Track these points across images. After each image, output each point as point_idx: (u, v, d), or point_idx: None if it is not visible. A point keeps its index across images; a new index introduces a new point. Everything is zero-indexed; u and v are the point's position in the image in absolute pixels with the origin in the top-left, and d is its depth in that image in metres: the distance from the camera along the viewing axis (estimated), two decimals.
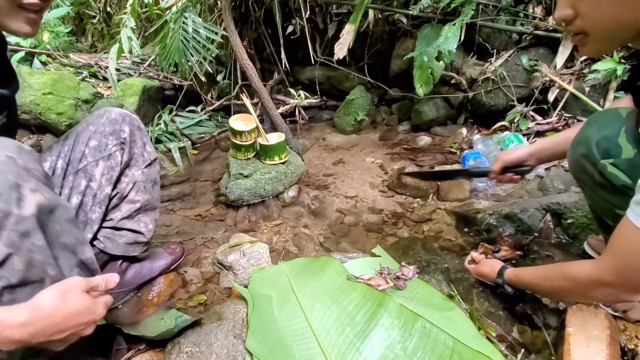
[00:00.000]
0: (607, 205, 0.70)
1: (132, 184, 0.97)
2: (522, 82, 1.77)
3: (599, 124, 0.70)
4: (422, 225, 1.37)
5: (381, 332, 0.80)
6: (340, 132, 2.41)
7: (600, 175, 0.68)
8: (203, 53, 2.18)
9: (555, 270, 0.77)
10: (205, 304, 1.04)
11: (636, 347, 0.78)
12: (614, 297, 0.70)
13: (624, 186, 0.64)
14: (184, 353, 0.73)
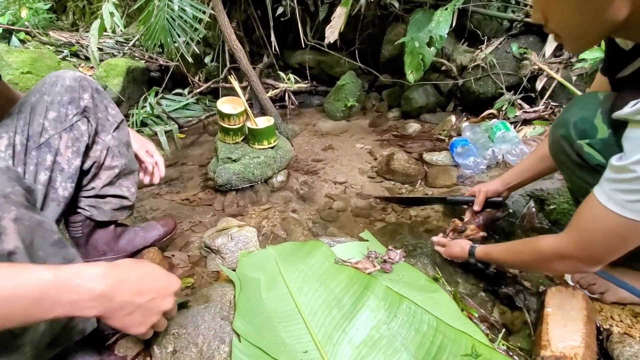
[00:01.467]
0: (583, 185, 0.72)
1: (106, 150, 0.94)
2: (511, 70, 1.78)
3: (578, 106, 0.72)
4: (410, 210, 1.39)
5: (367, 313, 0.82)
6: (330, 118, 2.39)
7: (577, 155, 0.71)
8: (190, 33, 2.12)
9: (521, 244, 0.82)
10: (193, 287, 1.04)
11: (611, 327, 0.82)
12: (574, 268, 0.75)
13: (599, 165, 0.67)
14: (170, 335, 0.73)
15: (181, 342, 0.72)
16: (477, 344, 0.66)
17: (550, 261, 0.75)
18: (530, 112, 1.67)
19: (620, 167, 0.57)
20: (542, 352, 0.71)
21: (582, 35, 0.64)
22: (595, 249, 0.66)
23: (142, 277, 0.57)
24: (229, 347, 0.71)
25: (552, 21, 0.64)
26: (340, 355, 0.75)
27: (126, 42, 3.22)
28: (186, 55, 2.06)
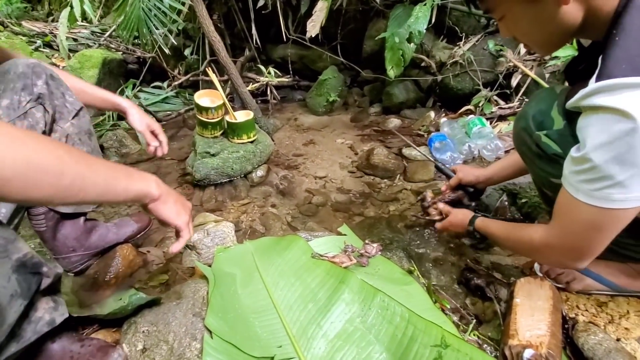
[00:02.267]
0: (544, 175, 0.75)
1: (65, 138, 0.91)
2: (488, 66, 1.82)
3: (536, 100, 0.76)
4: (389, 204, 1.40)
5: (342, 306, 0.82)
6: (312, 113, 2.38)
7: (536, 146, 0.73)
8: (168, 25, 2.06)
9: (518, 228, 0.83)
10: (167, 284, 1.02)
11: (577, 315, 0.84)
12: (561, 262, 0.76)
13: (555, 155, 0.70)
14: (140, 332, 0.72)
15: (151, 339, 0.71)
16: (447, 335, 0.67)
17: (539, 251, 0.76)
18: (506, 108, 1.71)
19: (578, 159, 0.59)
20: (509, 341, 0.73)
21: (547, 43, 0.70)
22: (577, 241, 0.66)
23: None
24: (200, 343, 0.70)
25: (518, 35, 0.70)
26: (314, 349, 0.75)
27: (102, 32, 3.11)
28: (164, 47, 2.01)
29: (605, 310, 0.84)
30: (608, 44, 0.56)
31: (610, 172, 0.55)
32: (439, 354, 0.65)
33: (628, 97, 0.51)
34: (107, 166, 0.57)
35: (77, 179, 0.50)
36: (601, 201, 0.58)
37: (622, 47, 0.54)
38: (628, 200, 0.56)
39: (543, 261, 0.90)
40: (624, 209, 0.58)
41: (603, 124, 0.54)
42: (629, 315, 0.82)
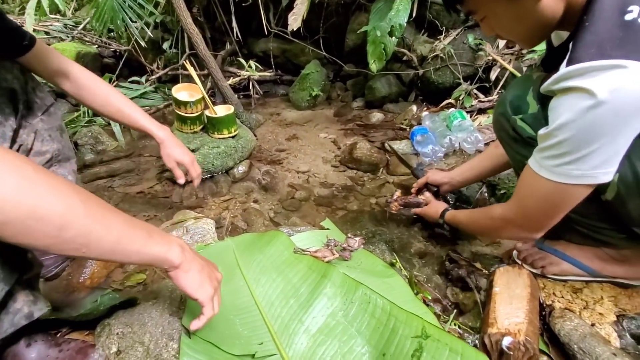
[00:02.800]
0: (520, 159, 0.77)
1: (34, 134, 0.86)
2: (468, 60, 1.84)
3: (514, 86, 0.79)
4: (371, 198, 1.40)
5: (324, 301, 0.81)
6: (295, 108, 2.36)
7: (513, 130, 0.76)
8: (145, 17, 1.99)
9: (479, 212, 0.93)
10: (145, 284, 0.98)
11: (553, 302, 0.86)
12: (518, 234, 0.82)
13: (530, 138, 0.72)
14: (114, 335, 0.69)
15: (126, 341, 0.68)
16: (427, 326, 0.67)
17: (499, 227, 0.82)
18: (485, 101, 1.73)
19: (544, 135, 0.62)
20: (489, 329, 0.74)
21: (530, 37, 0.71)
22: (533, 214, 0.72)
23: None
24: (177, 344, 0.68)
25: (501, 33, 0.72)
26: (295, 345, 0.74)
27: (76, 25, 2.98)
28: (140, 40, 1.94)
29: (580, 296, 0.86)
30: (578, 29, 0.58)
31: (570, 149, 0.59)
32: (419, 345, 0.65)
33: (595, 78, 0.54)
34: (126, 223, 0.52)
35: (81, 234, 0.46)
36: (560, 177, 0.62)
37: (591, 31, 0.56)
38: (584, 177, 0.60)
39: (502, 236, 0.99)
40: (579, 184, 0.62)
41: (569, 102, 0.57)
42: (602, 300, 0.84)
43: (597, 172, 0.59)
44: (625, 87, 0.52)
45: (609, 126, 0.55)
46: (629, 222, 0.72)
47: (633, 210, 0.67)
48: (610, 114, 0.54)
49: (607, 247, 0.83)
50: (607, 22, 0.55)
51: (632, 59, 0.52)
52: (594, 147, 0.57)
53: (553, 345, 0.77)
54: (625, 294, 0.85)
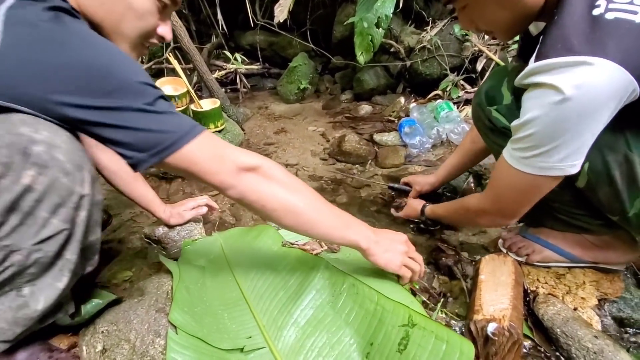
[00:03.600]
0: (497, 148, 0.79)
1: None
2: (454, 51, 1.84)
3: (491, 77, 0.81)
4: (360, 190, 1.40)
5: (313, 293, 0.81)
6: (284, 101, 2.34)
7: (488, 120, 0.78)
8: None
9: (456, 203, 0.95)
10: (131, 281, 0.97)
11: (537, 288, 0.88)
12: (493, 222, 0.87)
13: (504, 128, 0.74)
14: (99, 333, 0.68)
15: (111, 339, 0.67)
16: (414, 314, 0.68)
17: (475, 216, 0.85)
18: (471, 92, 1.74)
19: (515, 127, 0.64)
20: (474, 316, 0.75)
21: (509, 28, 0.71)
22: (506, 203, 0.75)
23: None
24: (164, 340, 0.67)
25: (481, 25, 0.72)
26: (284, 337, 0.74)
27: None
28: None
29: (563, 281, 0.88)
30: (549, 23, 0.59)
31: (538, 142, 0.61)
32: (406, 333, 0.65)
33: (561, 75, 0.54)
34: (335, 216, 0.72)
35: (310, 222, 0.69)
36: (529, 168, 0.64)
37: (559, 25, 0.57)
38: (551, 169, 0.62)
39: (480, 224, 1.03)
40: (546, 176, 0.64)
41: (538, 97, 0.58)
42: (584, 285, 0.86)
43: (563, 164, 0.61)
44: (589, 83, 0.53)
45: (574, 122, 0.56)
46: (602, 209, 0.74)
47: (603, 198, 0.69)
48: (574, 111, 0.55)
49: (587, 233, 0.85)
50: (575, 17, 0.56)
51: (597, 55, 0.52)
52: (559, 141, 0.59)
53: (537, 330, 0.79)
54: (607, 278, 0.87)
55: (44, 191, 0.55)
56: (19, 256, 0.56)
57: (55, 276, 0.61)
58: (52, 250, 0.58)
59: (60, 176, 0.55)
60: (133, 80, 0.55)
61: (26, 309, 0.60)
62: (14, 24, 0.50)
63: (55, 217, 0.56)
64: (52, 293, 0.61)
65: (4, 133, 0.52)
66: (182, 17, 2.47)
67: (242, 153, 0.67)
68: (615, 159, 0.64)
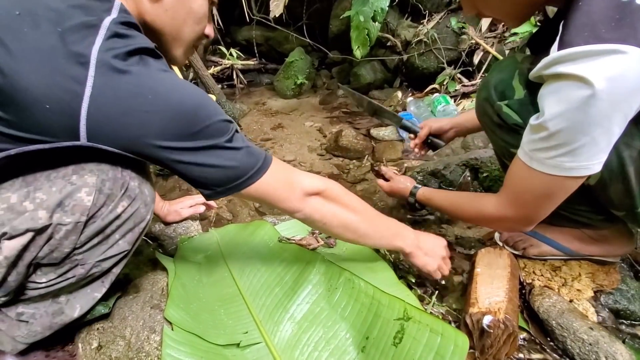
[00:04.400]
0: (504, 145, 0.75)
1: None
2: (451, 44, 1.83)
3: (498, 69, 0.74)
4: (357, 185, 1.40)
5: (309, 288, 0.81)
6: (281, 96, 2.33)
7: (497, 116, 0.72)
8: None
9: (466, 201, 0.85)
10: (127, 278, 0.97)
11: (533, 281, 0.88)
12: (513, 228, 0.81)
13: (516, 125, 0.69)
14: (94, 330, 0.68)
15: (106, 336, 0.67)
16: (409, 308, 0.68)
17: (492, 221, 0.80)
18: (469, 85, 1.74)
19: (536, 126, 0.59)
20: (470, 309, 0.75)
21: (517, 14, 0.67)
22: (528, 209, 0.69)
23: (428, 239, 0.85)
24: (159, 336, 0.67)
25: (486, 11, 0.68)
26: (280, 332, 0.74)
27: None
28: None
29: (559, 274, 0.88)
30: (571, 9, 0.54)
31: (564, 140, 0.56)
32: (401, 327, 0.65)
33: (589, 65, 0.50)
34: (385, 228, 0.79)
35: (365, 236, 0.77)
36: (554, 169, 0.59)
37: (585, 11, 0.52)
38: (579, 169, 0.58)
39: (496, 228, 0.96)
40: (573, 177, 0.59)
41: (563, 91, 0.54)
42: (580, 277, 0.86)
43: (591, 163, 0.57)
44: (623, 74, 0.49)
45: (605, 116, 0.52)
46: (609, 205, 0.72)
47: (613, 194, 0.67)
48: (606, 104, 0.51)
49: (587, 228, 0.84)
50: (603, 3, 0.51)
51: (629, 43, 0.48)
52: (589, 138, 0.54)
53: (533, 322, 0.79)
54: (603, 270, 0.87)
55: (127, 219, 0.61)
56: (82, 270, 0.61)
57: (96, 287, 0.66)
58: (107, 267, 0.63)
59: (141, 207, 0.63)
60: (215, 120, 0.58)
61: (62, 316, 0.64)
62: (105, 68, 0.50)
63: (123, 239, 0.63)
64: (89, 302, 0.65)
65: (109, 169, 0.58)
66: None
67: (307, 178, 0.71)
68: (630, 154, 0.61)
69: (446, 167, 1.25)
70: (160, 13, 0.63)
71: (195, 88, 0.60)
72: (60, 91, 0.48)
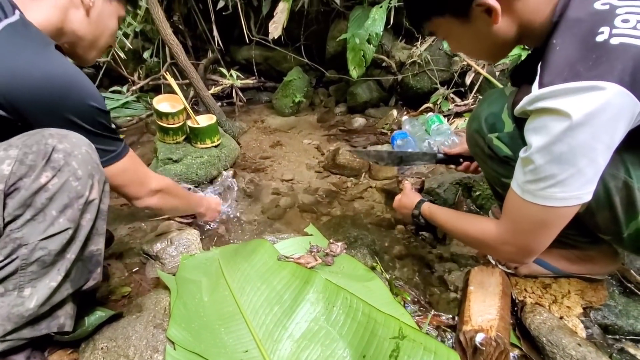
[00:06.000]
0: (495, 175, 0.79)
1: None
2: (444, 66, 1.90)
3: (488, 102, 0.79)
4: (354, 203, 1.43)
5: (307, 307, 0.84)
6: (279, 114, 2.38)
7: (488, 147, 0.76)
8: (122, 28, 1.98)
9: (467, 221, 0.83)
10: (130, 297, 0.99)
11: (525, 298, 0.91)
12: (513, 257, 0.78)
13: (507, 157, 0.73)
14: (98, 350, 0.70)
15: (110, 355, 0.69)
16: (404, 327, 0.70)
17: (492, 246, 0.77)
18: (461, 105, 1.80)
19: (525, 159, 0.62)
20: (464, 327, 0.77)
21: (491, 55, 0.75)
22: (527, 238, 0.69)
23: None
24: (162, 355, 0.69)
25: (463, 52, 0.76)
26: (280, 351, 0.76)
27: None
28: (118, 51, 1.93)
29: (550, 291, 0.91)
30: (548, 52, 0.58)
31: (551, 172, 0.58)
32: (397, 345, 0.68)
33: (569, 100, 0.54)
34: (194, 202, 1.18)
35: (183, 209, 1.15)
36: (546, 200, 0.61)
37: (562, 55, 0.56)
38: (570, 199, 0.60)
39: (495, 256, 0.96)
40: (566, 206, 0.61)
41: (544, 125, 0.57)
42: (570, 294, 0.89)
43: (581, 192, 0.59)
44: (601, 108, 0.52)
45: (588, 148, 0.55)
46: (596, 230, 0.74)
47: (601, 221, 0.69)
48: (587, 135, 0.54)
49: (573, 248, 0.86)
50: (579, 45, 0.55)
51: (607, 80, 0.51)
52: (575, 169, 0.57)
53: (525, 339, 0.82)
54: (591, 287, 0.91)
55: (56, 191, 0.64)
56: (25, 250, 0.63)
57: (53, 276, 0.67)
58: (54, 249, 0.65)
59: (72, 179, 0.66)
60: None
61: (20, 307, 0.65)
62: None
63: (62, 216, 0.65)
64: (45, 292, 0.66)
65: (33, 143, 0.63)
66: (178, 33, 2.52)
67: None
68: (616, 185, 0.63)
69: (440, 185, 1.29)
70: (86, 24, 0.83)
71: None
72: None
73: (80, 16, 0.82)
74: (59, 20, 0.78)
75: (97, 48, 0.90)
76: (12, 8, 0.70)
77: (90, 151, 0.70)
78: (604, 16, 0.55)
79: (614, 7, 0.56)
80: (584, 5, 0.58)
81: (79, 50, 0.87)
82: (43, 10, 0.76)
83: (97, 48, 0.90)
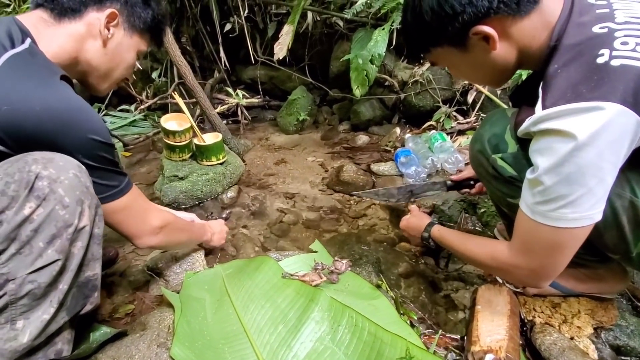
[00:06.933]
0: (500, 195, 0.79)
1: None
2: (445, 85, 1.93)
3: (491, 123, 0.79)
4: (358, 220, 1.43)
5: (312, 325, 0.83)
6: (283, 132, 2.41)
7: (492, 168, 0.76)
8: None
9: (478, 244, 0.82)
10: (133, 314, 0.98)
11: (534, 318, 0.89)
12: (526, 280, 0.77)
13: (511, 177, 0.73)
14: None
15: None
16: (411, 347, 0.69)
17: (504, 269, 0.75)
18: (464, 123, 1.82)
19: (533, 180, 0.62)
20: (472, 347, 0.76)
21: (492, 81, 0.77)
22: (540, 260, 0.67)
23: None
24: None
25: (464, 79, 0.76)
26: None
27: None
28: None
29: (559, 310, 0.89)
30: (549, 74, 0.60)
31: (561, 193, 0.58)
32: None
33: (573, 120, 0.55)
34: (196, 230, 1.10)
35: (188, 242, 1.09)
36: (557, 221, 0.61)
37: (564, 77, 0.57)
38: (582, 219, 0.59)
39: (510, 279, 0.92)
40: (579, 227, 0.60)
41: (550, 146, 0.57)
42: (580, 314, 0.88)
43: (592, 212, 0.59)
44: (605, 127, 0.53)
45: (596, 167, 0.55)
46: (605, 249, 0.73)
47: (609, 240, 0.69)
48: (592, 155, 0.54)
49: (582, 268, 0.85)
50: (580, 67, 0.56)
51: (610, 100, 0.52)
52: (586, 189, 0.57)
53: None
54: (601, 306, 0.89)
55: (41, 222, 0.61)
56: (13, 285, 0.60)
57: (45, 308, 0.64)
58: (44, 282, 0.62)
59: (58, 208, 0.62)
60: None
61: (13, 342, 0.62)
62: None
63: (50, 247, 0.62)
64: (39, 325, 0.64)
65: (16, 171, 0.60)
66: (186, 54, 2.60)
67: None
68: (622, 204, 0.63)
69: (445, 202, 1.29)
70: (101, 55, 0.81)
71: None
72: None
73: (96, 46, 0.80)
74: (73, 49, 0.77)
75: (110, 80, 0.88)
76: (23, 36, 0.68)
77: (79, 174, 0.66)
78: (604, 39, 0.57)
79: (612, 30, 0.57)
80: (581, 29, 0.59)
81: (91, 79, 0.85)
82: (58, 39, 0.75)
83: (110, 80, 0.88)
